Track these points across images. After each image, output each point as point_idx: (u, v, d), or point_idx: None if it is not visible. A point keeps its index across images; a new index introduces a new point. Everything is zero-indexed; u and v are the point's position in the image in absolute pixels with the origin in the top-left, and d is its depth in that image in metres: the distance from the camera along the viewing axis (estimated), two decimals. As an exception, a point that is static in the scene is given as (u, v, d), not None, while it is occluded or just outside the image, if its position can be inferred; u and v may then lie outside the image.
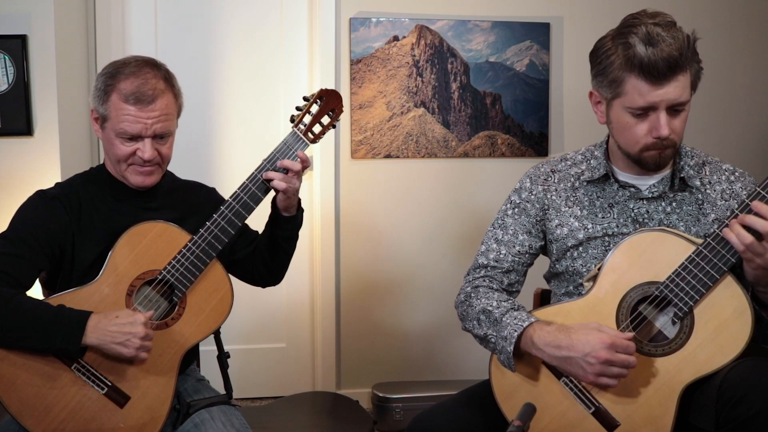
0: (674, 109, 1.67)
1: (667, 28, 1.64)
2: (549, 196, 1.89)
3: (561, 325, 1.68)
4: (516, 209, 1.92)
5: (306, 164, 1.92)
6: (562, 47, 3.44)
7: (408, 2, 3.33)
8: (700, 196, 1.79)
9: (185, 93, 1.92)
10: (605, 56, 1.71)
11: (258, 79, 3.37)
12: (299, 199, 1.99)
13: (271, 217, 2.01)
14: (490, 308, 1.79)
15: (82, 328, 1.68)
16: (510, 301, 1.81)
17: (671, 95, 1.65)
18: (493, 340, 1.76)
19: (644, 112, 1.68)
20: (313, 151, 3.37)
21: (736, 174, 1.82)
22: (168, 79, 1.86)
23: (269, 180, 1.89)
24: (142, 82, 1.80)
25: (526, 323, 1.70)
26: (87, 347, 1.71)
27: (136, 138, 1.82)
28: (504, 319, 1.74)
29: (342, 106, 2.00)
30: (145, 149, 1.82)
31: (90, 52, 3.22)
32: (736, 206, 1.71)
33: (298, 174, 1.90)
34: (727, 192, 1.79)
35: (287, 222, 1.99)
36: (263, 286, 2.15)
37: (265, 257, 2.05)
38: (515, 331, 1.69)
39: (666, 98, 1.65)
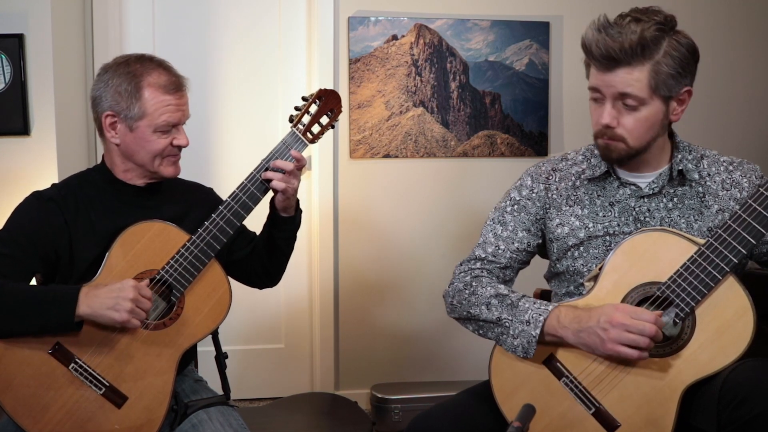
0: (626, 104, 1.68)
1: (630, 22, 1.65)
2: (550, 195, 1.88)
3: (585, 306, 1.67)
4: (516, 206, 1.91)
5: (301, 163, 1.91)
6: (562, 46, 3.44)
7: (407, 1, 3.32)
8: (700, 189, 1.78)
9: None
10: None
11: (256, 79, 3.37)
12: (298, 200, 1.98)
13: (269, 217, 2.00)
14: (504, 293, 1.77)
15: (75, 300, 1.67)
16: (518, 292, 1.80)
17: (613, 83, 1.66)
18: (507, 324, 1.72)
19: (598, 96, 1.71)
20: (311, 150, 3.36)
21: (735, 164, 1.81)
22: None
23: (268, 180, 1.88)
24: (165, 72, 1.85)
25: (551, 306, 1.69)
26: (82, 323, 1.71)
27: (171, 128, 1.85)
28: (521, 303, 1.72)
29: (341, 106, 2.00)
30: (183, 136, 1.88)
31: (87, 52, 3.21)
32: (738, 196, 1.70)
33: (295, 173, 1.90)
34: (728, 182, 1.79)
35: (285, 223, 1.99)
36: (261, 288, 2.15)
37: (263, 258, 2.04)
38: (540, 315, 1.68)
39: (608, 85, 1.67)
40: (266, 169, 1.88)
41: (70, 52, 3.04)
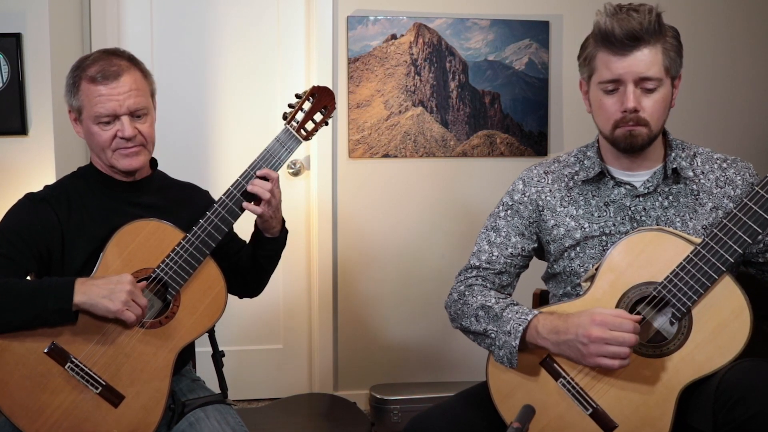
0: (645, 88, 1.70)
1: (630, 10, 1.70)
2: (543, 197, 1.88)
3: (563, 313, 1.68)
4: (509, 211, 1.91)
5: (272, 176, 1.87)
6: (562, 46, 3.43)
7: (406, 0, 3.31)
8: (694, 186, 1.78)
9: (181, 91, 1.92)
10: (586, 40, 1.79)
11: (255, 78, 3.36)
12: (283, 220, 1.97)
13: (252, 235, 1.99)
14: (489, 304, 1.78)
15: (71, 288, 1.68)
16: (508, 298, 1.80)
17: (635, 68, 1.68)
18: (493, 335, 1.74)
19: (614, 87, 1.71)
20: (309, 150, 3.35)
21: (728, 161, 1.82)
22: (132, 59, 1.89)
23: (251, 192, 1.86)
24: (106, 63, 1.82)
25: (530, 316, 1.69)
26: (77, 315, 1.71)
27: (113, 119, 1.82)
28: (505, 313, 1.73)
29: (334, 102, 1.99)
30: (125, 127, 1.82)
31: (85, 51, 3.20)
32: (732, 193, 1.73)
33: (270, 197, 1.86)
34: (721, 179, 1.79)
35: (268, 243, 1.97)
36: (240, 297, 2.12)
37: (243, 271, 2.02)
38: (519, 325, 1.69)
39: (630, 70, 1.68)
40: (261, 167, 1.87)
41: (68, 52, 3.03)
